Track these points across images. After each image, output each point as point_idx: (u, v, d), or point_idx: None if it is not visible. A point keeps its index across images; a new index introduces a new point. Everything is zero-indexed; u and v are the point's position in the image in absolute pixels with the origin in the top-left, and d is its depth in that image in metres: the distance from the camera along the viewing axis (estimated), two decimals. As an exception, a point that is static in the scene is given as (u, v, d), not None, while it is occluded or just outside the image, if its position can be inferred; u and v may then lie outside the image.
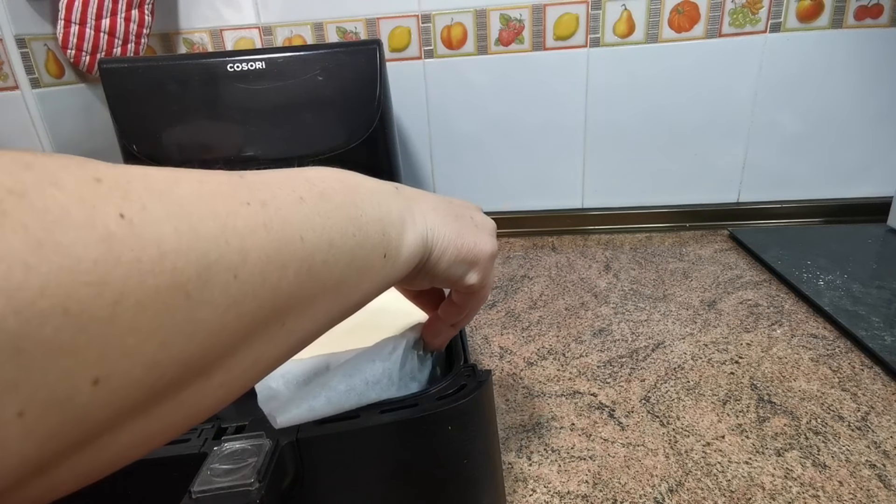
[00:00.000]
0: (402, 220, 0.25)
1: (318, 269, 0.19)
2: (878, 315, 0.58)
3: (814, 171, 0.90)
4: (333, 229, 0.20)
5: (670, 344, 0.57)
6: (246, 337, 0.16)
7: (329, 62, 0.69)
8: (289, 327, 0.18)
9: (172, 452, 0.26)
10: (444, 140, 0.94)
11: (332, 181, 0.22)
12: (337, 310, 0.21)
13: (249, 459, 0.24)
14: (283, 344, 0.18)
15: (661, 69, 0.85)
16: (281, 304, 0.17)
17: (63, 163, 0.13)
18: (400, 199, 0.26)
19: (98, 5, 0.78)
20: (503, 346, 0.59)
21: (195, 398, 0.15)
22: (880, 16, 0.80)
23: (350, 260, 0.20)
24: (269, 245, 0.17)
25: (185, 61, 0.70)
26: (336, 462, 0.27)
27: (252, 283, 0.16)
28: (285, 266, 0.17)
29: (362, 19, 0.87)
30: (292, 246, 0.18)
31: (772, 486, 0.38)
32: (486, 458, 0.31)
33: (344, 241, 0.20)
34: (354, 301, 0.22)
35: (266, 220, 0.17)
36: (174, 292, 0.14)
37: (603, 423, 0.46)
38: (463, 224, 0.28)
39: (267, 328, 0.17)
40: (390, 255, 0.23)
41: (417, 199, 0.27)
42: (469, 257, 0.28)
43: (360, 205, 0.22)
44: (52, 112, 0.81)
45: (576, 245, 0.88)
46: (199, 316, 0.14)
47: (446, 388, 0.30)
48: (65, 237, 0.12)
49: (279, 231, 0.17)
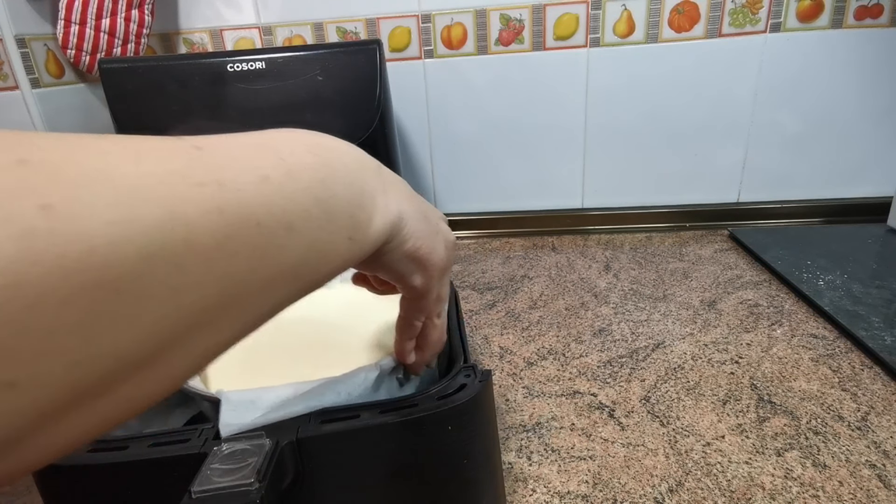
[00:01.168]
0: (374, 203, 0.23)
1: (274, 255, 0.18)
2: (878, 315, 0.58)
3: (814, 171, 0.90)
4: (295, 212, 0.18)
5: (670, 344, 0.57)
6: (190, 328, 0.15)
7: (329, 62, 0.69)
8: (239, 313, 0.17)
9: (172, 453, 0.26)
10: (444, 140, 0.94)
11: (305, 155, 0.20)
12: (293, 292, 0.20)
13: (249, 459, 0.24)
14: (233, 330, 0.17)
15: (661, 69, 0.85)
16: (229, 293, 0.16)
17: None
18: (378, 180, 0.24)
19: (98, 5, 0.78)
20: (503, 346, 0.59)
21: (137, 391, 0.15)
22: (880, 16, 0.80)
23: (311, 243, 0.19)
24: (219, 231, 0.15)
25: (185, 61, 0.70)
26: (336, 462, 0.27)
27: (196, 272, 0.15)
28: (236, 253, 0.16)
29: (362, 19, 0.87)
30: (247, 231, 0.16)
31: (772, 486, 0.38)
32: (485, 457, 0.31)
33: (306, 224, 0.19)
34: (313, 282, 0.21)
35: (221, 204, 0.16)
36: (103, 288, 0.12)
37: (603, 423, 0.46)
38: (428, 226, 0.27)
39: (214, 316, 0.16)
40: (356, 237, 0.22)
41: (396, 184, 0.26)
42: (422, 260, 0.27)
43: (331, 185, 0.21)
44: (52, 112, 0.81)
45: (576, 245, 0.88)
46: (132, 311, 0.13)
47: (446, 387, 0.30)
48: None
49: (234, 215, 0.16)
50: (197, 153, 0.16)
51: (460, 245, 0.93)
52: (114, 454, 0.26)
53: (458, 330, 0.39)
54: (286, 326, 0.42)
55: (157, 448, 0.26)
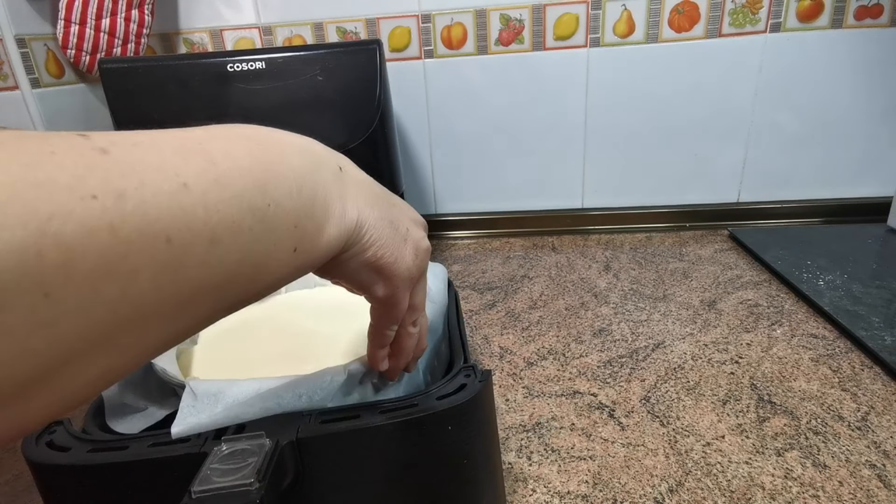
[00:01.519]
0: (327, 210, 0.21)
1: (191, 272, 0.16)
2: (878, 315, 0.58)
3: (814, 171, 0.90)
4: (221, 224, 0.16)
5: (670, 344, 0.57)
6: (68, 360, 0.13)
7: (329, 62, 0.68)
8: (145, 333, 0.15)
9: (172, 452, 0.26)
10: (444, 140, 0.94)
11: (243, 157, 0.18)
12: (224, 306, 0.18)
13: (249, 459, 0.24)
14: (140, 349, 0.16)
15: (661, 69, 0.85)
16: (127, 315, 0.14)
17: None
18: (336, 184, 0.22)
19: (98, 5, 0.78)
20: (503, 346, 0.59)
21: (8, 421, 0.13)
22: (880, 16, 0.80)
23: (242, 257, 0.17)
24: (111, 251, 0.13)
25: (185, 61, 0.70)
26: (336, 462, 0.27)
27: (76, 300, 0.13)
28: (135, 272, 0.14)
29: (362, 19, 0.87)
30: (151, 249, 0.14)
31: (772, 486, 0.38)
32: (486, 457, 0.31)
33: (234, 237, 0.17)
34: (250, 295, 0.19)
35: (114, 220, 0.13)
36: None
37: (603, 423, 0.46)
38: (394, 233, 0.25)
39: (107, 340, 0.14)
40: (303, 248, 0.20)
41: (359, 187, 0.24)
42: (384, 269, 0.25)
43: (272, 191, 0.18)
44: (52, 112, 0.81)
45: (576, 245, 0.88)
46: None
47: (446, 387, 0.30)
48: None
49: (132, 232, 0.14)
50: (99, 158, 0.14)
51: (460, 245, 0.93)
52: (114, 454, 0.26)
53: (458, 330, 0.39)
54: (269, 325, 0.42)
55: (157, 448, 0.26)
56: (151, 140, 0.16)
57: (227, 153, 0.18)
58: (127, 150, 0.15)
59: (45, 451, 0.27)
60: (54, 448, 0.27)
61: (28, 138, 0.13)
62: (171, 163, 0.16)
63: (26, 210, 0.12)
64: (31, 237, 0.12)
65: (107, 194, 0.13)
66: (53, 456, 0.26)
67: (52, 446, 0.27)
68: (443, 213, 0.99)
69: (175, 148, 0.16)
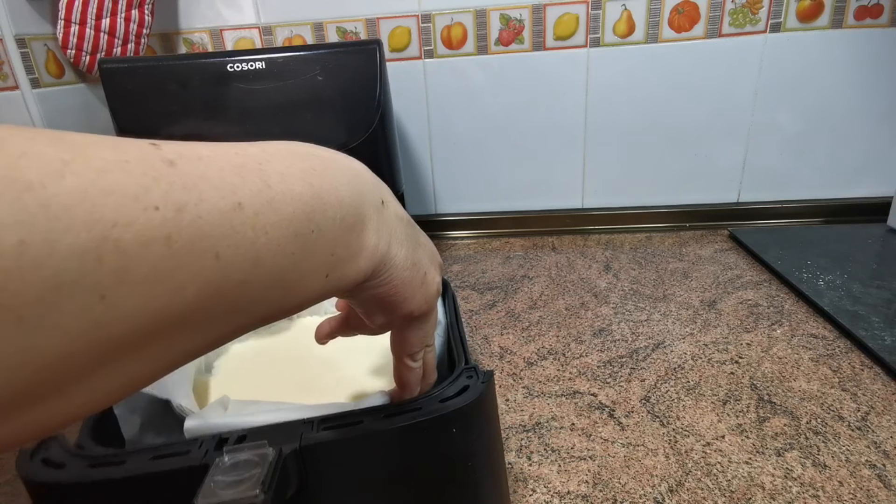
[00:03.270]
0: (363, 242, 0.21)
1: (232, 290, 0.16)
2: (878, 315, 0.58)
3: (814, 171, 0.90)
4: (266, 246, 0.17)
5: (670, 344, 0.57)
6: (111, 360, 0.14)
7: (329, 62, 0.68)
8: (175, 345, 0.16)
9: (174, 465, 0.25)
10: (444, 140, 0.94)
11: (297, 182, 0.18)
12: (251, 322, 0.18)
13: (253, 470, 0.23)
14: (165, 361, 0.16)
15: (661, 69, 0.85)
16: (167, 326, 0.14)
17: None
18: (376, 217, 0.22)
19: (98, 5, 0.78)
20: (503, 346, 0.59)
21: (45, 417, 0.13)
22: (880, 16, 0.80)
23: (278, 279, 0.18)
24: (163, 263, 0.14)
25: (185, 61, 0.70)
26: (339, 468, 0.27)
27: (127, 305, 0.13)
28: (183, 286, 0.14)
29: (362, 19, 0.87)
30: (200, 264, 0.15)
31: (772, 486, 0.38)
32: (489, 459, 0.31)
33: (275, 260, 0.17)
34: (279, 313, 0.19)
35: (171, 232, 0.14)
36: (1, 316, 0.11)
37: (603, 423, 0.46)
38: (413, 275, 0.25)
39: (144, 348, 0.14)
40: (334, 275, 0.20)
41: (395, 223, 0.24)
42: (390, 307, 0.25)
43: (317, 219, 0.19)
44: (52, 112, 0.81)
45: (576, 245, 0.88)
46: (36, 343, 0.12)
47: (449, 389, 0.30)
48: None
49: (186, 245, 0.14)
50: (166, 170, 0.14)
51: (460, 245, 0.93)
52: (112, 469, 0.25)
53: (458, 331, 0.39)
54: (283, 355, 0.42)
55: (158, 461, 0.25)
56: (214, 154, 0.16)
57: (282, 176, 0.18)
58: (192, 163, 0.15)
59: (41, 468, 0.26)
60: (50, 465, 0.26)
61: (104, 145, 0.14)
62: (229, 181, 0.16)
63: (93, 216, 0.12)
64: (94, 241, 0.12)
65: (168, 206, 0.14)
66: (50, 473, 0.25)
67: (47, 463, 0.26)
68: (443, 213, 0.99)
69: (235, 166, 0.17)
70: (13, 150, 0.12)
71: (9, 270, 0.11)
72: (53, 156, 0.12)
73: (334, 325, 0.33)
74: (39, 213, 0.12)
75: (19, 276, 0.11)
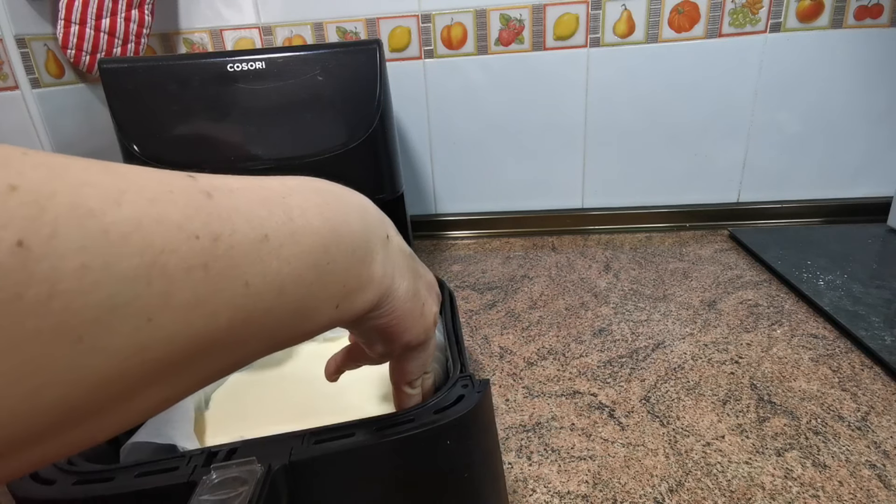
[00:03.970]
0: (370, 274, 0.23)
1: (257, 317, 0.17)
2: (878, 315, 0.58)
3: (814, 171, 0.90)
4: (290, 276, 0.18)
5: (670, 344, 0.57)
6: (152, 381, 0.14)
7: (329, 62, 0.68)
8: (205, 367, 0.16)
9: (160, 483, 0.25)
10: (444, 140, 0.94)
11: (315, 216, 0.19)
12: (264, 348, 0.19)
13: (240, 488, 0.23)
14: (195, 381, 0.17)
15: (661, 69, 0.85)
16: (201, 349, 0.15)
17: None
18: (383, 250, 0.23)
19: (98, 5, 0.78)
20: (503, 346, 0.59)
21: (82, 436, 0.14)
22: (880, 16, 0.80)
23: (297, 308, 0.19)
24: (202, 289, 0.14)
25: (185, 61, 0.70)
26: (331, 483, 0.26)
27: (169, 329, 0.14)
28: (216, 314, 0.15)
29: (362, 19, 0.87)
30: (232, 291, 0.15)
31: (772, 486, 0.38)
32: (486, 467, 0.30)
33: (297, 289, 0.18)
34: (290, 341, 0.20)
35: (208, 260, 0.15)
36: (60, 336, 0.12)
37: (603, 423, 0.46)
38: (413, 306, 0.26)
39: (179, 370, 0.15)
40: (343, 305, 0.21)
41: (398, 256, 0.25)
42: (390, 337, 0.26)
43: (332, 251, 0.20)
44: (52, 112, 0.81)
45: (576, 245, 0.88)
46: (91, 362, 0.12)
47: (443, 399, 0.29)
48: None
49: (221, 273, 0.15)
50: (204, 201, 0.15)
51: (460, 245, 0.93)
52: (99, 486, 0.25)
53: (455, 337, 0.38)
54: (279, 385, 0.41)
55: (143, 479, 0.25)
56: (243, 188, 0.18)
57: (302, 210, 0.19)
58: (226, 195, 0.16)
59: (30, 484, 0.25)
60: (38, 481, 0.25)
61: (149, 176, 0.15)
62: (257, 213, 0.17)
63: (146, 242, 0.13)
64: (145, 266, 0.13)
65: (206, 236, 0.15)
66: (38, 490, 0.25)
67: (36, 479, 0.25)
68: (443, 213, 0.99)
69: (262, 199, 0.18)
70: (75, 180, 0.13)
71: (72, 292, 0.12)
72: (111, 185, 0.13)
73: (339, 361, 0.34)
74: (100, 239, 0.12)
75: (81, 298, 0.12)
